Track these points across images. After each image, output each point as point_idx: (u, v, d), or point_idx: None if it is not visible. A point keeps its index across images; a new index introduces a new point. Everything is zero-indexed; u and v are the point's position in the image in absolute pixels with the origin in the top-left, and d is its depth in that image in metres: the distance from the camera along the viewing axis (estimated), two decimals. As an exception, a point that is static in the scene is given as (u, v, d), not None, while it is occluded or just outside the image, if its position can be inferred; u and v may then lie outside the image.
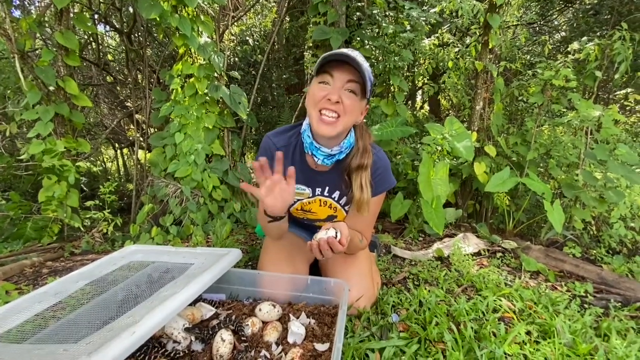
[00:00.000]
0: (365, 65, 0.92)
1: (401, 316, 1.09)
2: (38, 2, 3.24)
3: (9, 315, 0.73)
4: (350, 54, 0.90)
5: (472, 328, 1.01)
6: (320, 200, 1.17)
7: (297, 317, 0.91)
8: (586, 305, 1.39)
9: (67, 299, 0.86)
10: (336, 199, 1.16)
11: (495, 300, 1.24)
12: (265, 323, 0.88)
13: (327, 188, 1.14)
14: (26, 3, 3.11)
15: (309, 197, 1.16)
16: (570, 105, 2.41)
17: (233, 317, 0.90)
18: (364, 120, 1.11)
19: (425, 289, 1.27)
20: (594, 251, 2.02)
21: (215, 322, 0.89)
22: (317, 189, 1.15)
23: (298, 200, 1.18)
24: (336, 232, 0.89)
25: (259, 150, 1.14)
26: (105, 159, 5.71)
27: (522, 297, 1.32)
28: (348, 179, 1.07)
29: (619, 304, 1.36)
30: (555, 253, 1.89)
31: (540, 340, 1.04)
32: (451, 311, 1.14)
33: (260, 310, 0.90)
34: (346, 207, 1.19)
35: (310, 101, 0.97)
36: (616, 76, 2.43)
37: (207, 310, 0.92)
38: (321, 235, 0.89)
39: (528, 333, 1.07)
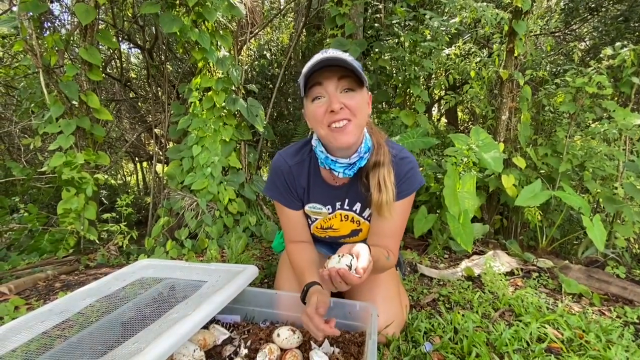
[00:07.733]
0: (345, 55, 0.83)
1: (435, 345, 0.97)
2: (69, 23, 3.40)
3: (9, 335, 0.68)
4: (329, 55, 0.81)
5: (518, 362, 0.88)
6: (341, 214, 1.09)
7: (320, 345, 0.81)
8: (641, 334, 1.22)
9: (75, 316, 0.80)
10: (357, 211, 1.08)
11: (539, 328, 1.10)
12: (284, 351, 0.79)
13: (346, 201, 1.06)
14: (57, 25, 3.25)
15: (327, 214, 1.09)
16: (599, 115, 2.26)
17: (248, 343, 0.81)
18: (370, 116, 1.03)
19: (459, 313, 1.14)
20: (637, 271, 1.83)
21: (228, 348, 0.80)
22: (336, 204, 1.07)
23: (316, 219, 1.11)
24: (351, 261, 0.75)
25: (270, 168, 1.07)
26: (125, 173, 5.84)
27: (569, 324, 1.17)
28: (366, 181, 0.98)
29: (679, 332, 1.20)
30: (598, 273, 1.72)
31: (598, 378, 0.90)
32: (491, 340, 1.01)
33: (278, 335, 0.81)
34: (370, 220, 1.10)
35: (313, 123, 0.89)
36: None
37: (220, 334, 0.84)
38: (333, 263, 0.75)
39: (583, 368, 0.93)
